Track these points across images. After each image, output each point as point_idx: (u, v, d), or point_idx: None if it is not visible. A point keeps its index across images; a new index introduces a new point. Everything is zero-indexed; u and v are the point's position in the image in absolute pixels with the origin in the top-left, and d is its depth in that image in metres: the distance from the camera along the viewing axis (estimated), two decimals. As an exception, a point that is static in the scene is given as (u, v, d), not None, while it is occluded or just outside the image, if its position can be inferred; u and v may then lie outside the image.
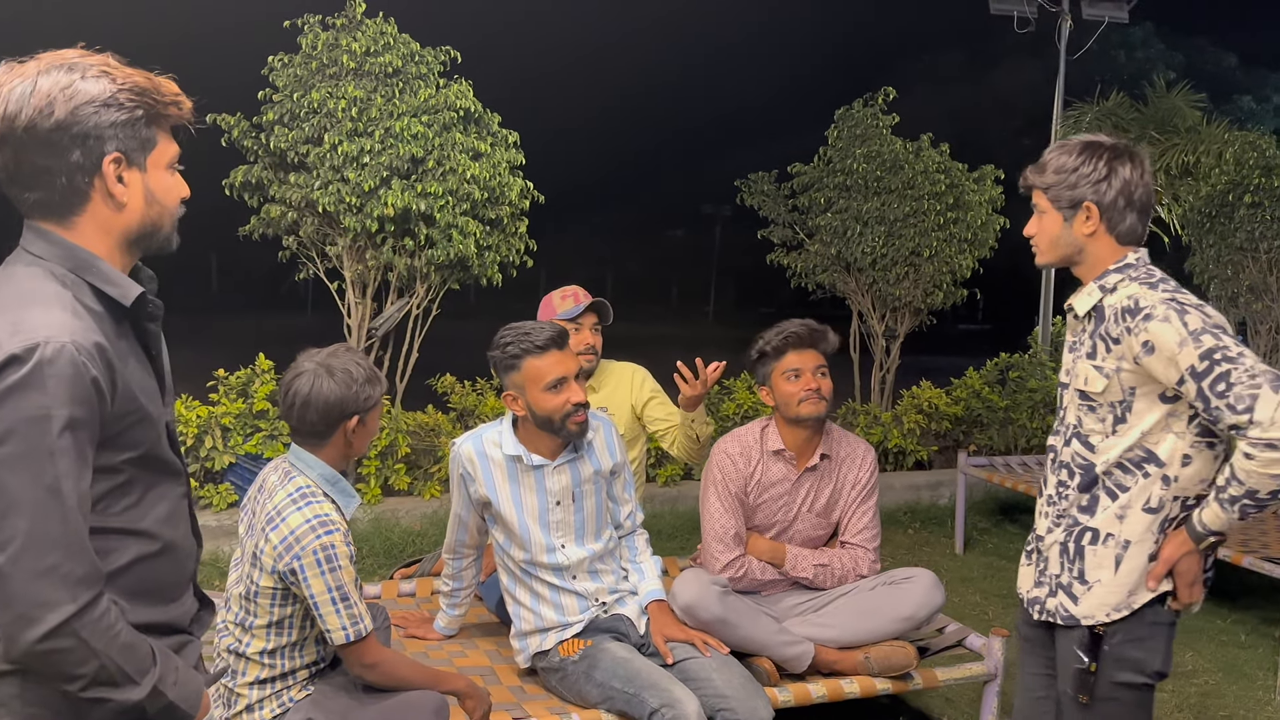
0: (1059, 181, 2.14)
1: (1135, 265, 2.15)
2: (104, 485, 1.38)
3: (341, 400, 2.30)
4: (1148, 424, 2.09)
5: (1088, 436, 2.18)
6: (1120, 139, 2.19)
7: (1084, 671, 2.13)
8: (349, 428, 2.33)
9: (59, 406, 1.29)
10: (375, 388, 2.37)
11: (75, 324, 1.34)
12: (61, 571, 1.28)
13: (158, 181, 1.46)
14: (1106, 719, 2.15)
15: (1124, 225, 2.13)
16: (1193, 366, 1.97)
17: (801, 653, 2.93)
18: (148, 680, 1.36)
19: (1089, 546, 2.16)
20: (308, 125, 6.02)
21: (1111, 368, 2.09)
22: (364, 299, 6.40)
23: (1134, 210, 2.13)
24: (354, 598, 2.28)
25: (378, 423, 2.43)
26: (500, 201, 6.24)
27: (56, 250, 1.40)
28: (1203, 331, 1.98)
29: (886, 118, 8.07)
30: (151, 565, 1.45)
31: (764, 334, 3.17)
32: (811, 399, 3.06)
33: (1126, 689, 2.14)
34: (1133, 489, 2.12)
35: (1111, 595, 2.14)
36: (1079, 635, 2.16)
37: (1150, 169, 2.19)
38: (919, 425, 7.38)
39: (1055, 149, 2.19)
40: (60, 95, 1.34)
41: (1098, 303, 2.15)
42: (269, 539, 2.28)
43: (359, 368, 2.34)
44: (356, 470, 5.78)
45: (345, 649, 2.31)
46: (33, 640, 1.27)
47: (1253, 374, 1.93)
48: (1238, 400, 1.93)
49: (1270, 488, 1.94)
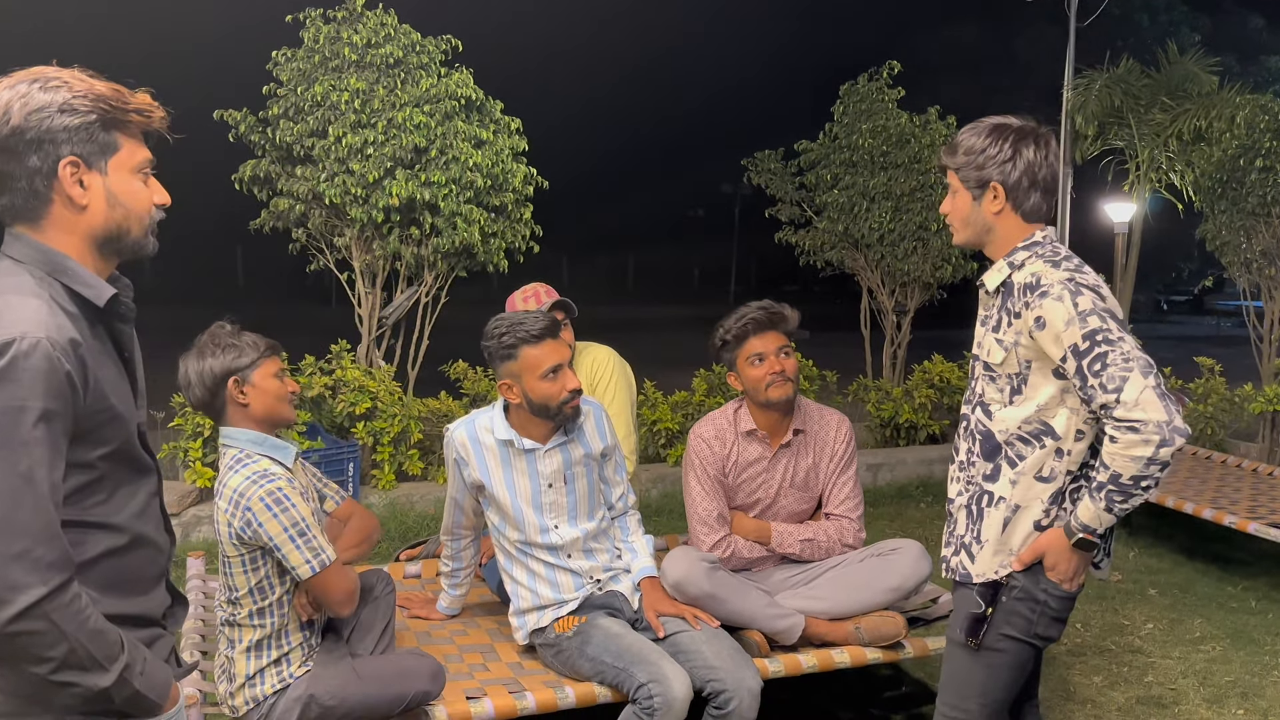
0: (968, 162, 2.21)
1: (1042, 243, 2.21)
2: (77, 480, 1.43)
3: (211, 368, 2.42)
4: (1043, 398, 2.16)
5: (989, 405, 2.26)
6: (1028, 121, 2.25)
7: (979, 616, 2.23)
8: (231, 391, 2.43)
9: (33, 399, 1.35)
10: (242, 353, 2.45)
11: (51, 321, 1.40)
12: (33, 556, 1.33)
13: (120, 185, 1.51)
14: (986, 666, 2.25)
15: (1029, 204, 2.21)
16: (1075, 345, 2.05)
17: (791, 625, 2.98)
18: (115, 667, 1.41)
19: (986, 509, 2.25)
20: (312, 118, 6.10)
21: (1010, 341, 2.17)
22: (374, 289, 6.48)
23: (1038, 190, 2.20)
24: (311, 532, 2.38)
25: (274, 382, 2.49)
26: (504, 188, 6.30)
27: (31, 252, 1.47)
28: (1091, 313, 2.06)
29: (892, 92, 8.04)
30: (123, 559, 1.51)
31: (724, 321, 3.20)
32: (777, 382, 3.10)
33: (1012, 642, 2.23)
34: (1029, 458, 2.19)
35: (996, 556, 2.23)
36: (978, 587, 2.24)
37: (1056, 150, 2.26)
38: (930, 400, 7.38)
39: (966, 130, 2.26)
40: (17, 104, 1.42)
41: (1006, 278, 2.22)
42: (220, 508, 2.41)
43: (223, 337, 2.47)
44: (371, 457, 5.88)
45: (314, 583, 2.41)
46: (3, 621, 1.32)
47: (1127, 358, 2.01)
48: (1109, 380, 2.01)
49: (1132, 472, 2.00)
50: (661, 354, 8.44)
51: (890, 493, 6.65)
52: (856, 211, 7.98)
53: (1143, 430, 1.98)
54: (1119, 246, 9.95)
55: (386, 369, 6.34)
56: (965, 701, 2.27)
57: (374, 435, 5.81)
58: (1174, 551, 5.49)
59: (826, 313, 11.86)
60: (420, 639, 3.17)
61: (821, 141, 8.28)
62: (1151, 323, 23.35)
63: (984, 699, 2.26)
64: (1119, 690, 3.79)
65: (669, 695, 2.60)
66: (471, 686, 2.79)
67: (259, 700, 2.45)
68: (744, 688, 2.68)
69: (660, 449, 6.59)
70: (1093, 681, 3.87)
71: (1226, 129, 7.70)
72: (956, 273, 8.08)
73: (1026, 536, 2.20)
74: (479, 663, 3.02)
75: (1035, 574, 2.20)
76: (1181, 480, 5.49)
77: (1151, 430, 1.98)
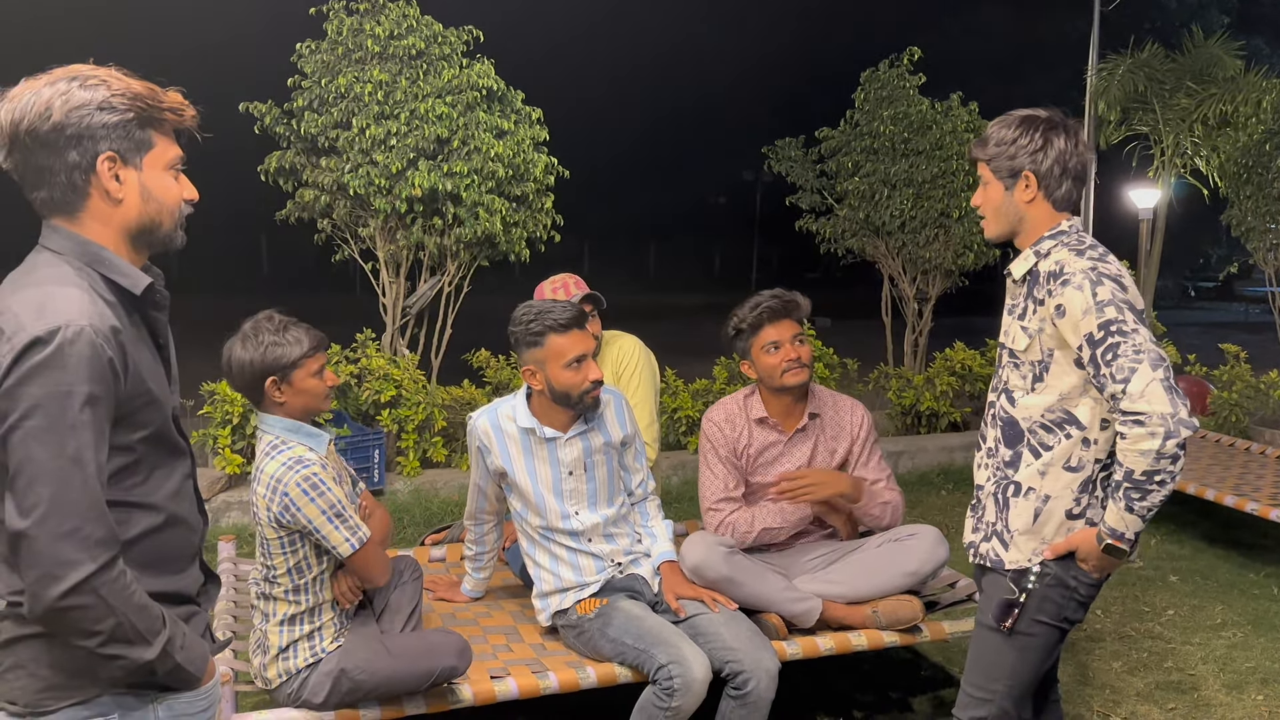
0: (999, 153, 2.26)
1: (1068, 232, 2.25)
2: (117, 462, 1.49)
3: (252, 363, 2.46)
4: (1066, 386, 2.20)
5: (1012, 392, 2.30)
6: (1056, 112, 2.30)
7: (1013, 602, 2.27)
8: (269, 389, 2.48)
9: (79, 384, 1.41)
10: (288, 349, 2.48)
11: (92, 309, 1.46)
12: (82, 534, 1.40)
13: (154, 180, 1.57)
14: (1018, 650, 2.29)
15: (1060, 192, 2.25)
16: (1090, 334, 2.09)
17: (809, 608, 3.02)
18: (158, 641, 1.48)
19: (1013, 499, 2.28)
20: (336, 110, 6.17)
21: (1034, 328, 2.22)
22: (397, 278, 6.56)
23: (1069, 178, 2.24)
24: (348, 513, 2.47)
25: (313, 381, 2.52)
26: (525, 178, 6.35)
27: (70, 244, 1.53)
28: (1109, 303, 2.09)
29: (913, 78, 8.01)
30: (159, 537, 1.57)
31: (738, 310, 3.24)
32: (793, 369, 3.14)
33: (1044, 627, 2.28)
34: (1055, 449, 2.23)
35: (1031, 543, 2.27)
36: (1012, 573, 2.28)
37: (1084, 139, 2.30)
38: (952, 387, 7.38)
39: (997, 123, 2.31)
40: (58, 101, 1.48)
41: (1033, 267, 2.26)
42: (258, 493, 2.49)
43: (269, 332, 2.49)
44: (396, 444, 5.96)
45: (354, 560, 2.50)
46: (55, 596, 1.39)
47: (1139, 349, 2.05)
48: (1118, 371, 2.05)
49: (1142, 467, 2.03)
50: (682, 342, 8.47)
51: (911, 480, 6.66)
52: (878, 199, 7.97)
53: (1147, 423, 2.01)
54: (1143, 233, 9.87)
55: (410, 357, 6.41)
56: (993, 684, 2.31)
57: (398, 423, 5.88)
58: (1195, 538, 5.48)
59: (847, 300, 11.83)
60: (446, 620, 3.24)
61: (842, 129, 8.27)
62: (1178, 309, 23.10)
63: (1012, 681, 2.31)
64: (1138, 676, 3.81)
65: (688, 676, 2.65)
66: (496, 666, 2.86)
67: (291, 673, 2.53)
68: (762, 669, 2.73)
69: (681, 436, 6.64)
70: (1112, 667, 3.89)
71: (1252, 113, 7.65)
72: (978, 260, 8.06)
73: (1059, 526, 2.24)
74: (503, 644, 3.09)
75: (1067, 561, 2.24)
76: (1204, 467, 5.47)
77: (1155, 422, 2.00)
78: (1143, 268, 9.74)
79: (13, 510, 1.40)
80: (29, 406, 1.39)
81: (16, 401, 1.40)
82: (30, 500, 1.39)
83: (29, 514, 1.39)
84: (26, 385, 1.39)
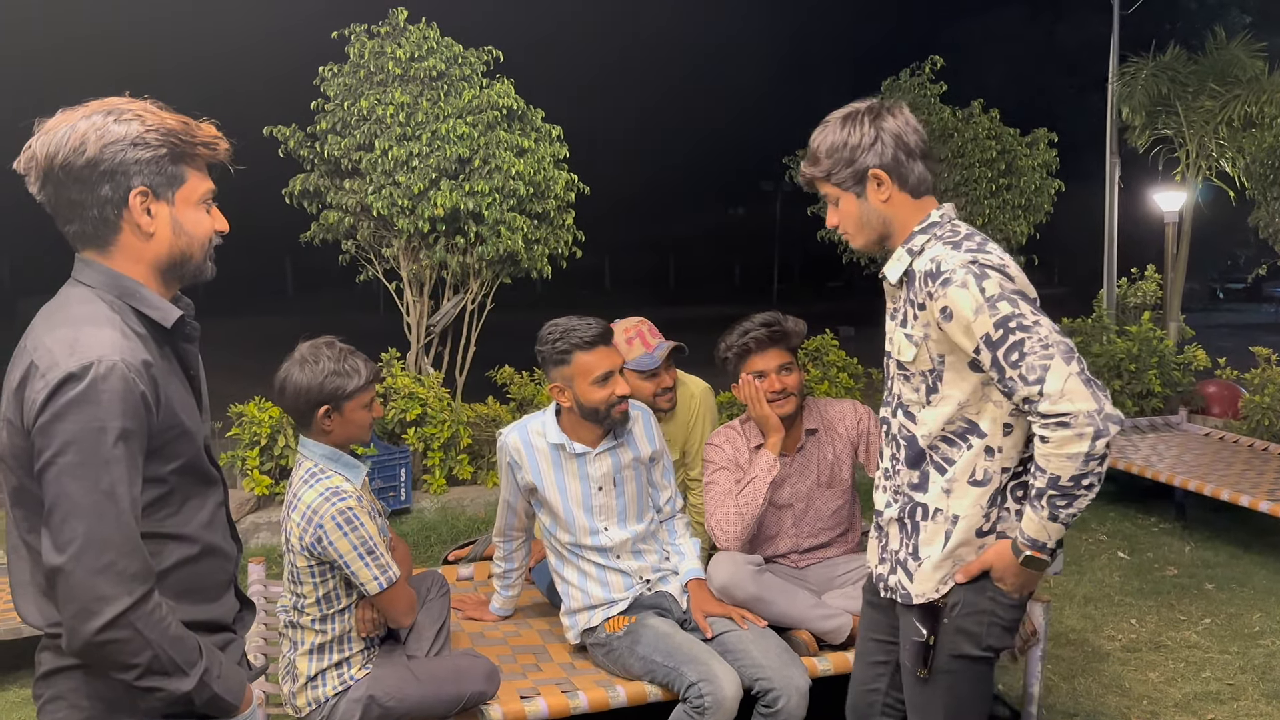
0: (836, 162, 2.05)
1: (940, 223, 2.05)
2: (150, 494, 1.50)
3: (309, 389, 2.45)
4: (963, 394, 2.00)
5: (908, 407, 2.11)
6: (872, 99, 2.10)
7: (923, 645, 2.08)
8: (319, 418, 2.47)
9: (113, 419, 1.42)
10: (346, 379, 2.47)
11: (124, 344, 1.47)
12: (118, 568, 1.41)
13: (186, 215, 1.58)
14: (945, 691, 2.10)
15: (914, 177, 2.04)
16: (988, 335, 1.89)
17: (840, 625, 2.99)
18: (195, 671, 1.49)
19: (922, 522, 2.10)
20: (359, 132, 6.23)
21: (919, 335, 2.02)
22: (421, 297, 6.60)
23: (916, 158, 2.04)
24: (379, 550, 2.46)
25: (362, 413, 2.53)
26: (546, 195, 6.38)
27: (102, 278, 1.55)
28: (999, 298, 1.89)
29: (934, 86, 8.00)
30: (194, 568, 1.58)
31: (726, 337, 3.16)
32: (778, 401, 3.09)
33: (964, 661, 2.08)
34: (959, 462, 2.03)
35: (939, 570, 2.07)
36: (918, 610, 2.09)
37: (911, 115, 2.09)
38: (978, 395, 7.31)
39: (817, 135, 2.10)
40: (93, 135, 1.49)
41: (908, 267, 2.05)
42: (293, 520, 2.49)
43: (329, 360, 2.47)
44: (422, 462, 5.99)
45: (381, 599, 2.49)
46: (93, 631, 1.40)
47: (1046, 344, 1.86)
48: (1029, 371, 1.85)
49: (1070, 472, 1.85)
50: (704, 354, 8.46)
51: (939, 490, 6.61)
52: (899, 208, 7.94)
53: (1074, 424, 1.82)
54: (1170, 236, 9.78)
55: (435, 375, 6.45)
56: None
57: (424, 441, 5.91)
58: (1230, 544, 5.40)
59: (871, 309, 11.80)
60: (474, 640, 3.24)
61: (863, 138, 8.25)
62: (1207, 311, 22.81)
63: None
64: (1175, 686, 3.75)
65: (719, 694, 2.63)
66: (525, 686, 2.85)
67: (320, 701, 2.53)
68: (792, 686, 2.71)
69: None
70: (1148, 678, 3.83)
71: (1277, 114, 7.56)
72: (1002, 267, 8.01)
73: (971, 547, 2.05)
74: (532, 663, 3.08)
75: (980, 584, 2.05)
76: (1238, 472, 5.39)
77: (1083, 422, 1.81)
78: (1170, 270, 9.64)
79: (49, 545, 1.41)
80: (63, 443, 1.40)
81: (51, 438, 1.41)
82: (66, 536, 1.40)
83: (65, 549, 1.40)
84: (61, 421, 1.41)
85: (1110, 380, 7.36)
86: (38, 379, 1.43)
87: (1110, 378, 7.38)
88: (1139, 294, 9.60)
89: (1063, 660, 3.98)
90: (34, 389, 1.43)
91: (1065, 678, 3.84)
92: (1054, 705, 3.59)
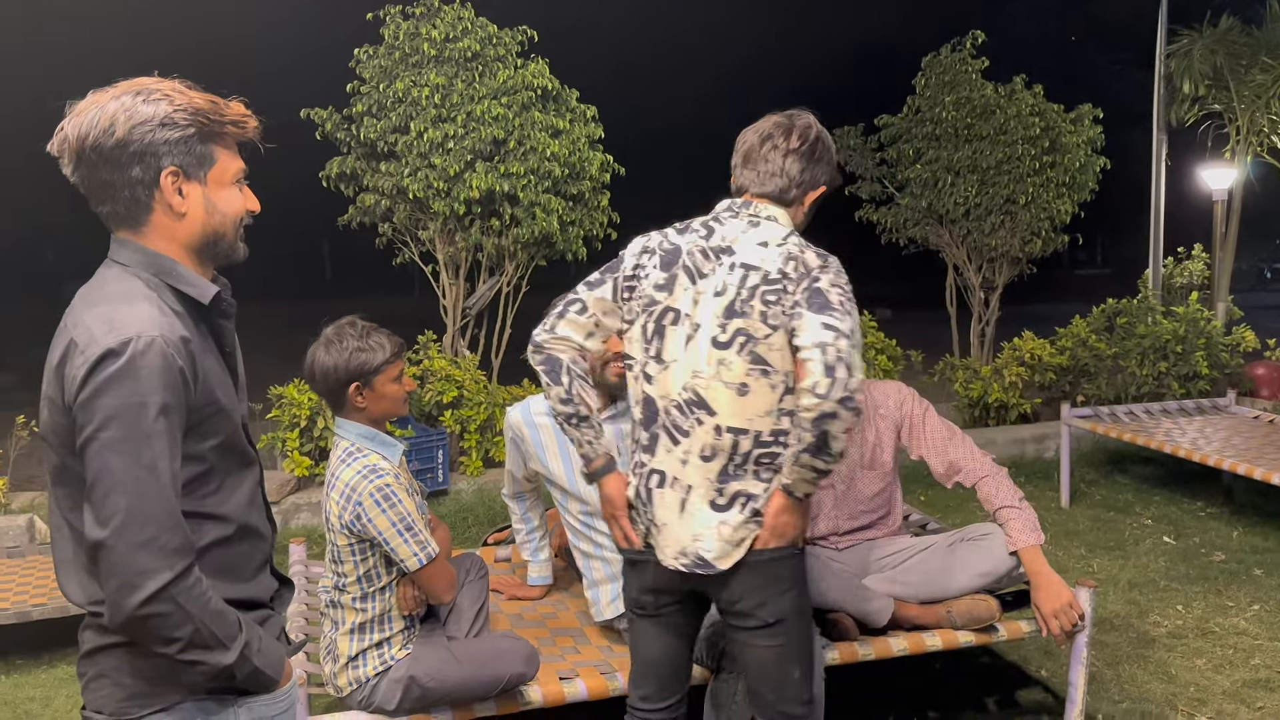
0: (803, 183, 2.27)
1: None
2: (189, 472, 1.50)
3: (336, 368, 2.47)
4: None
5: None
6: (773, 117, 2.28)
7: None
8: (351, 395, 2.50)
9: (153, 394, 1.42)
10: (371, 354, 2.49)
11: (162, 320, 1.47)
12: (159, 543, 1.41)
13: (218, 194, 1.58)
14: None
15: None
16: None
17: (880, 608, 2.95)
18: (236, 645, 1.49)
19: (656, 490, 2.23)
20: (394, 114, 6.23)
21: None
22: (457, 279, 6.61)
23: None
24: (418, 526, 2.47)
25: (393, 386, 2.55)
26: (581, 177, 6.35)
27: (138, 257, 1.55)
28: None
29: (976, 62, 7.84)
30: (230, 548, 1.58)
31: None
32: None
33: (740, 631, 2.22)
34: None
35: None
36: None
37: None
38: (1021, 378, 7.21)
39: (779, 155, 2.26)
40: (122, 117, 1.49)
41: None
42: (332, 499, 2.50)
43: (353, 338, 2.50)
44: (459, 444, 6.01)
45: (421, 575, 2.50)
46: (135, 605, 1.40)
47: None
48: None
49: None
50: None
51: (979, 473, 6.53)
52: (940, 186, 7.81)
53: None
54: (1218, 214, 9.54)
55: (471, 358, 6.46)
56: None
57: (461, 423, 5.93)
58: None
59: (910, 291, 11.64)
60: (514, 622, 3.24)
61: (903, 115, 8.12)
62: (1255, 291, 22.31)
63: None
64: (1223, 674, 3.67)
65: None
66: (564, 668, 2.85)
67: (361, 681, 2.54)
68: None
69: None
70: (1195, 665, 3.76)
71: (1335, 87, 7.31)
72: (1047, 246, 7.87)
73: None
74: (570, 645, 3.08)
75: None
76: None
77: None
78: (1218, 250, 9.42)
79: (91, 520, 1.42)
80: (105, 418, 1.41)
81: (92, 414, 1.41)
82: (108, 510, 1.40)
83: (107, 524, 1.40)
84: (101, 397, 1.41)
85: (1156, 362, 7.21)
86: (77, 356, 1.44)
87: (1156, 359, 7.23)
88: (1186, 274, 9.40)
89: (1107, 646, 3.92)
90: (74, 366, 1.43)
91: (1110, 664, 3.77)
92: (1099, 692, 3.53)
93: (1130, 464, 6.72)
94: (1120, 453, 6.84)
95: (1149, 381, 7.21)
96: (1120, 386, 7.28)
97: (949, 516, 5.50)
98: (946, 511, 5.68)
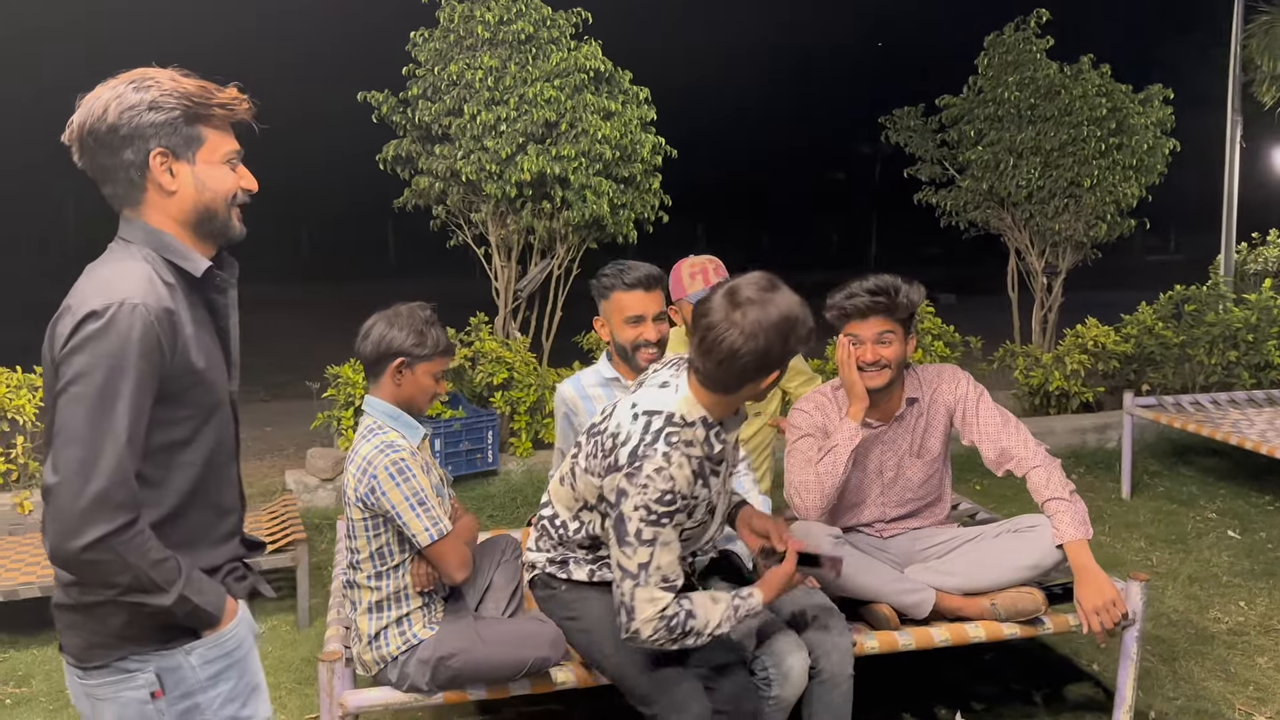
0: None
1: None
2: (161, 438, 1.60)
3: (390, 339, 2.57)
4: None
5: None
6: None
7: None
8: (395, 368, 2.58)
9: (126, 357, 1.52)
10: (426, 341, 2.59)
11: (150, 289, 1.58)
12: (103, 496, 1.50)
13: (208, 173, 1.68)
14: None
15: None
16: None
17: (921, 600, 2.90)
18: (175, 588, 1.58)
19: None
20: (449, 97, 6.26)
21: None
22: (509, 262, 6.64)
23: None
24: (431, 502, 2.52)
25: (430, 381, 2.63)
26: (632, 159, 6.32)
27: (139, 233, 1.66)
28: None
29: (1040, 41, 7.62)
30: (195, 517, 1.67)
31: (833, 294, 3.02)
32: (870, 371, 2.96)
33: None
34: None
35: None
36: None
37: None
38: (1083, 366, 7.02)
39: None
40: (113, 104, 1.61)
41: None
42: (349, 472, 2.56)
43: (417, 320, 2.61)
44: (509, 425, 6.05)
45: (431, 551, 2.53)
46: (75, 550, 1.50)
47: None
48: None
49: None
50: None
51: (1037, 462, 6.39)
52: (1002, 168, 7.63)
53: None
54: (1297, 198, 9.18)
55: (522, 340, 6.50)
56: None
57: (511, 404, 5.97)
58: (1355, 527, 5.09)
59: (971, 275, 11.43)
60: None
61: (965, 96, 7.94)
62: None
63: None
64: (1286, 674, 3.55)
65: (785, 667, 2.58)
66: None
67: (387, 660, 2.58)
68: (787, 665, 2.59)
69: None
70: (1257, 663, 3.64)
71: None
72: (1111, 231, 7.65)
73: None
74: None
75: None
76: (1365, 450, 5.06)
77: None
78: (1294, 236, 9.06)
79: (49, 468, 1.53)
80: (76, 373, 1.52)
81: (68, 368, 1.52)
82: (63, 459, 1.51)
83: (59, 471, 1.51)
84: (78, 354, 1.52)
85: (1226, 351, 6.98)
86: (67, 315, 1.56)
87: (1226, 348, 6.99)
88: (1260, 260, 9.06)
89: (1163, 642, 3.81)
90: (63, 324, 1.56)
91: (1165, 660, 3.67)
92: (1153, 688, 3.44)
93: (1195, 455, 6.52)
94: (1185, 444, 6.64)
95: (1217, 371, 6.98)
96: (1187, 376, 7.06)
97: (1003, 507, 5.39)
98: (1001, 502, 5.57)
